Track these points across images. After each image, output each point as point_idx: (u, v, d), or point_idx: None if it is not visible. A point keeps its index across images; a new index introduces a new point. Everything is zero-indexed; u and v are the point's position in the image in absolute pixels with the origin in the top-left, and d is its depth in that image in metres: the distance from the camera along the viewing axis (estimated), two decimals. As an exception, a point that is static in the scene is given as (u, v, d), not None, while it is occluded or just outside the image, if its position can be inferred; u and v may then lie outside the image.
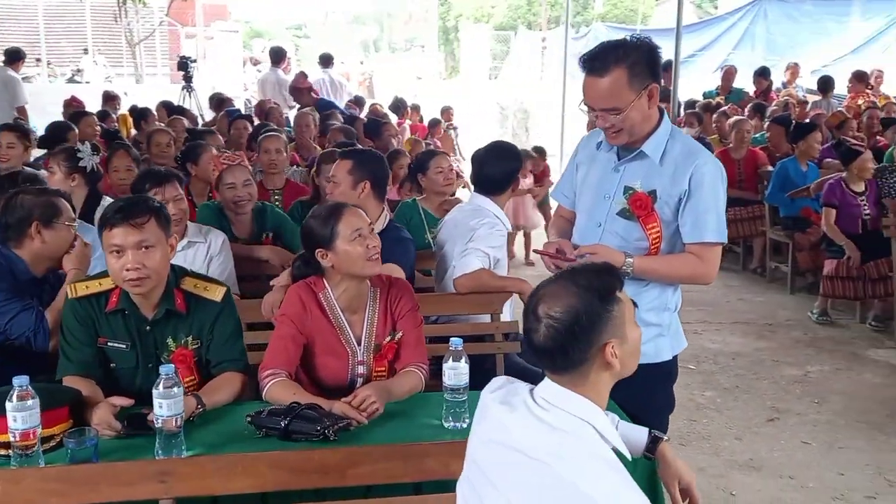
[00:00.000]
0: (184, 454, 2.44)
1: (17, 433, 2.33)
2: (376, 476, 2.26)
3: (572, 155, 3.19)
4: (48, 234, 3.27)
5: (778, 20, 22.36)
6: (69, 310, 2.92)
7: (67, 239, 3.34)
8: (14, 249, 3.30)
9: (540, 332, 1.89)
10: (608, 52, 2.73)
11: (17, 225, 3.28)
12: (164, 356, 2.94)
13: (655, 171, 2.86)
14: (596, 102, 2.77)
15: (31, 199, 3.31)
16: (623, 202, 2.88)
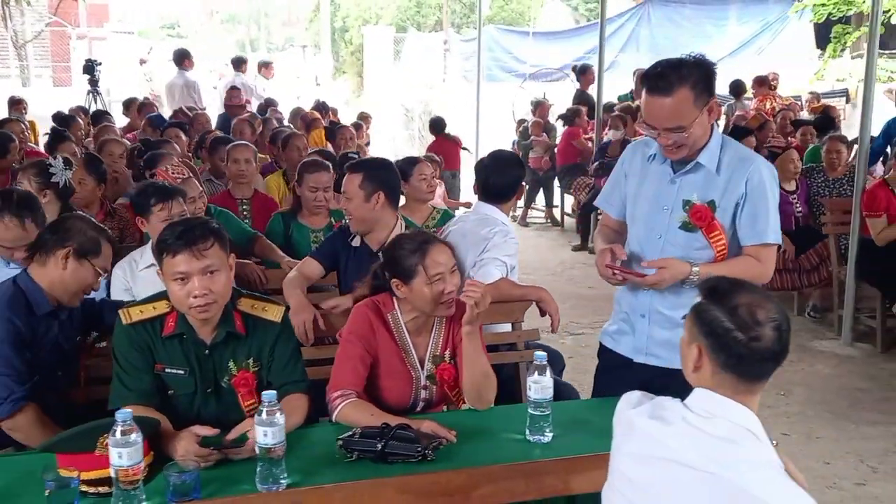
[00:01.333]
0: (284, 484, 2.38)
1: (121, 471, 2.22)
2: (499, 496, 2.26)
3: (618, 165, 3.24)
4: (73, 265, 3.09)
5: (661, 23, 23.18)
6: (123, 336, 2.80)
7: (87, 282, 3.15)
8: (35, 269, 3.13)
9: (767, 337, 1.92)
10: (671, 71, 2.79)
11: (53, 243, 3.12)
12: (224, 380, 2.86)
13: (712, 180, 2.95)
14: (661, 122, 2.83)
15: (80, 226, 3.16)
16: (684, 216, 2.96)
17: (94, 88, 11.46)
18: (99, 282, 3.25)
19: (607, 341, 3.29)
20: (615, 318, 3.27)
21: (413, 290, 2.93)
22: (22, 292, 3.05)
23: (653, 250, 3.02)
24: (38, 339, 3.04)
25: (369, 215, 3.85)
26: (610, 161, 9.58)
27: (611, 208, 3.27)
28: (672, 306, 3.01)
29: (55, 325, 3.14)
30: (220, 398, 2.86)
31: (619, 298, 3.24)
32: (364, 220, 3.87)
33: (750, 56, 21.63)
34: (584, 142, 10.49)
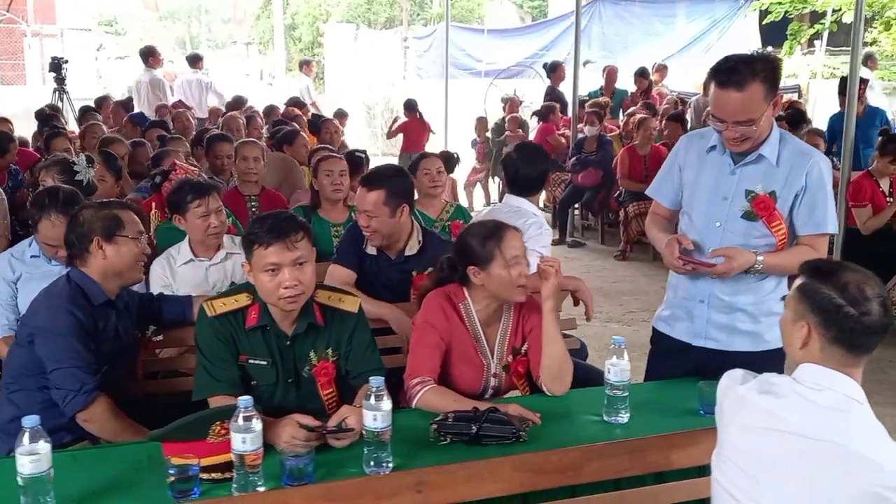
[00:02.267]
0: (390, 467, 2.45)
1: (246, 455, 2.29)
2: (606, 472, 2.37)
3: (671, 157, 3.36)
4: (110, 249, 3.12)
5: (611, 21, 23.53)
6: (208, 328, 2.86)
7: (132, 253, 3.17)
8: (82, 268, 3.16)
9: (875, 311, 2.07)
10: (744, 66, 2.90)
11: (80, 242, 3.16)
12: (304, 370, 2.94)
13: (772, 171, 3.09)
14: (732, 115, 2.95)
15: (92, 214, 3.18)
16: (746, 205, 3.09)
17: (62, 87, 11.29)
18: (146, 246, 3.25)
19: (662, 327, 3.42)
20: (669, 303, 3.40)
21: (491, 276, 3.00)
22: (77, 286, 3.09)
23: (712, 239, 3.15)
24: (98, 331, 3.07)
25: (395, 229, 3.82)
26: (586, 156, 9.78)
27: (663, 198, 3.39)
28: (731, 292, 3.17)
29: (113, 316, 3.18)
30: (299, 388, 2.93)
31: (674, 285, 3.36)
32: (389, 235, 3.82)
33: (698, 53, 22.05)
34: (559, 138, 10.65)
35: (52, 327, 2.96)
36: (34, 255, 3.82)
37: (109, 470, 2.46)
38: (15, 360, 3.08)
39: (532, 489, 2.32)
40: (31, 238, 3.92)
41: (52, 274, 3.77)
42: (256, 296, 2.89)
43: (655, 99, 11.62)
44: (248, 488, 2.32)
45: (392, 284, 3.83)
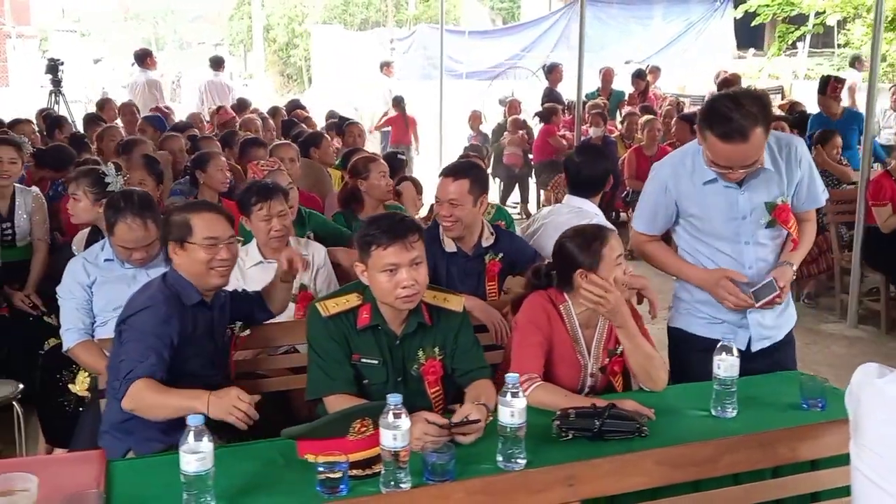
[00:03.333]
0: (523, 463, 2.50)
1: (399, 452, 2.34)
2: (739, 464, 2.44)
3: (658, 191, 3.42)
4: (181, 253, 3.11)
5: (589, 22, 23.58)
6: (322, 328, 2.90)
7: (200, 259, 3.08)
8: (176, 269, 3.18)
9: None
10: (741, 117, 2.96)
11: (165, 244, 3.19)
12: (413, 369, 2.98)
13: (772, 176, 3.26)
14: (739, 163, 3.08)
15: (173, 216, 3.19)
16: (768, 217, 3.27)
17: (58, 89, 11.18)
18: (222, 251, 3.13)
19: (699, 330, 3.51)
20: (711, 317, 3.46)
21: (601, 277, 3.05)
22: (172, 286, 3.10)
23: (747, 256, 3.33)
24: (190, 332, 3.08)
25: (474, 219, 3.93)
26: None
27: (657, 230, 3.52)
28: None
29: (208, 317, 3.20)
30: (407, 386, 2.97)
31: (713, 302, 3.42)
32: (470, 225, 3.91)
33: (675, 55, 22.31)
34: (559, 139, 10.74)
35: (135, 321, 2.97)
36: (108, 258, 3.82)
37: (247, 468, 2.49)
38: (116, 359, 3.08)
39: (671, 482, 2.38)
40: (102, 242, 3.93)
41: (125, 277, 3.80)
42: (366, 296, 2.93)
43: (652, 100, 11.76)
44: (396, 484, 2.36)
45: (473, 279, 3.90)
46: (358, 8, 29.91)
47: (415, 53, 24.05)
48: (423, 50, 23.65)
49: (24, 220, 5.25)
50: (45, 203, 5.40)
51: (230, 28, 34.06)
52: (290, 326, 3.60)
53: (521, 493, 2.23)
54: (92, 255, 3.87)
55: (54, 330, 4.91)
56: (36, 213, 5.30)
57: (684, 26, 23.59)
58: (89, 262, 3.83)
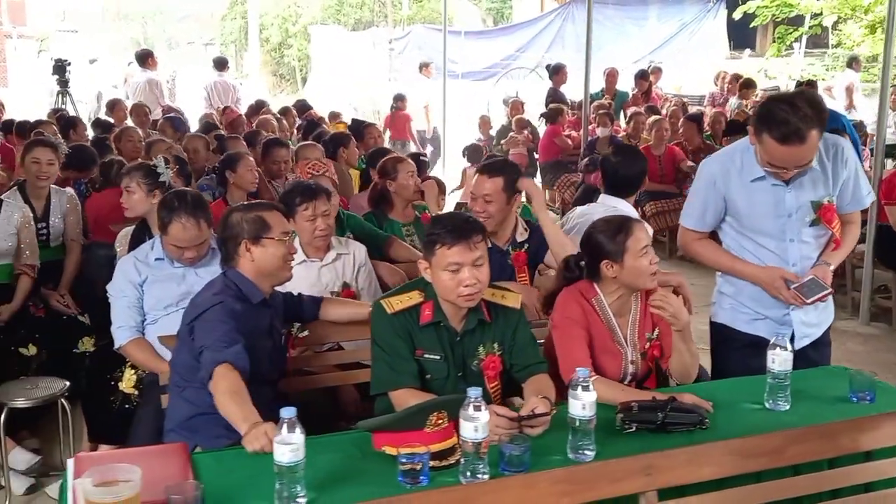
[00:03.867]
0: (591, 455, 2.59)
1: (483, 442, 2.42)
2: (804, 455, 2.54)
3: (708, 188, 3.53)
4: (257, 251, 3.19)
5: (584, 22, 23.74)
6: (387, 325, 2.98)
7: (279, 254, 3.23)
8: (236, 269, 3.25)
9: None
10: (799, 121, 3.06)
11: (229, 244, 3.25)
12: (473, 364, 3.06)
13: (819, 176, 3.36)
14: (796, 165, 3.19)
15: (240, 216, 3.25)
16: (813, 215, 3.37)
17: (65, 89, 11.20)
18: (293, 245, 3.35)
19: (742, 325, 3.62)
20: (755, 313, 3.57)
21: (625, 267, 3.15)
22: (235, 285, 3.18)
23: (792, 253, 3.43)
24: (254, 330, 3.15)
25: (506, 216, 4.04)
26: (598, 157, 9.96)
27: (707, 227, 3.61)
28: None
29: (268, 315, 3.28)
30: (466, 381, 3.04)
31: (757, 298, 3.53)
32: (503, 221, 4.03)
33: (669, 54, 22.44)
34: (565, 139, 10.84)
35: (208, 315, 3.04)
36: (158, 257, 3.89)
37: (327, 460, 2.56)
38: (180, 358, 3.16)
39: (740, 472, 2.47)
40: (152, 241, 4.00)
41: (175, 276, 3.88)
42: (428, 293, 3.02)
43: (655, 100, 11.87)
44: (474, 475, 2.45)
45: (507, 273, 3.99)
46: (352, 8, 29.91)
47: (410, 54, 24.08)
48: (418, 50, 23.69)
49: (58, 220, 5.31)
50: (79, 203, 5.45)
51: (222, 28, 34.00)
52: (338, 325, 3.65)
53: (602, 482, 2.32)
54: (142, 253, 3.94)
55: (88, 329, 5.01)
56: (70, 214, 5.36)
57: (678, 27, 23.74)
58: (140, 260, 3.90)
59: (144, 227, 4.49)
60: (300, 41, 30.35)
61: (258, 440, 2.57)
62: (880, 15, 13.73)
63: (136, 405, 4.03)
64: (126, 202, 4.42)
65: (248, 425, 2.65)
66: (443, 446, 2.55)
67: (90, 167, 6.39)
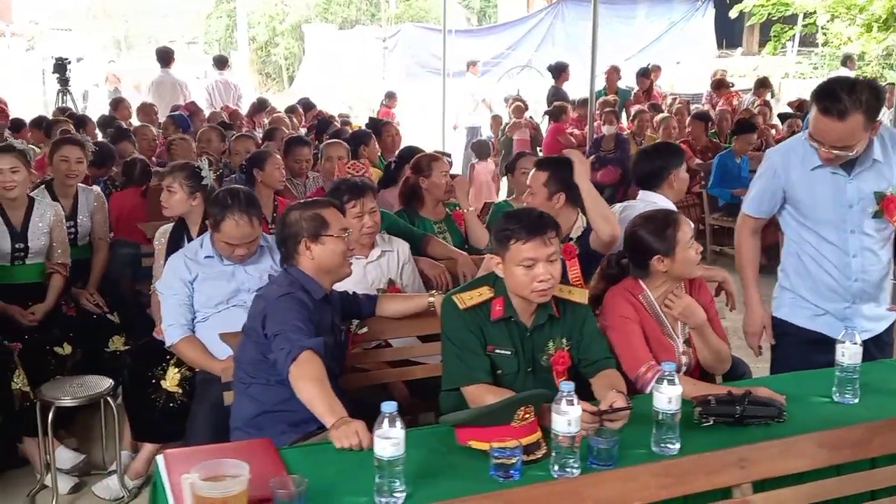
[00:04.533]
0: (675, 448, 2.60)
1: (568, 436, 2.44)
2: (889, 446, 2.56)
3: (769, 176, 3.59)
4: (317, 248, 3.21)
5: (574, 21, 23.90)
6: (459, 321, 2.99)
7: (339, 250, 3.25)
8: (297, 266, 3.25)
9: None
10: (847, 96, 3.09)
11: (289, 242, 3.25)
12: (542, 359, 3.08)
13: (882, 169, 3.38)
14: (830, 141, 3.21)
15: (298, 215, 3.26)
16: (875, 207, 3.38)
17: (65, 87, 11.12)
18: (351, 241, 3.36)
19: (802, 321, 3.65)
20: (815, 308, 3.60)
21: (676, 259, 3.23)
22: (298, 281, 3.18)
23: (852, 244, 3.44)
24: (319, 326, 3.15)
25: (555, 212, 3.98)
26: (605, 154, 10.01)
27: (763, 213, 3.67)
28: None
29: (329, 311, 3.28)
30: (535, 376, 3.08)
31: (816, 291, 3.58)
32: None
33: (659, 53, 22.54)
34: (570, 137, 10.87)
35: (281, 303, 3.06)
36: (208, 255, 3.89)
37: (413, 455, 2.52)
38: (246, 355, 3.16)
39: (828, 464, 2.50)
40: (201, 238, 4.00)
41: (225, 274, 3.87)
42: (498, 289, 3.03)
43: (657, 98, 11.93)
44: (564, 468, 2.46)
45: None
46: (340, 7, 29.86)
47: (400, 52, 24.08)
48: (407, 49, 23.72)
49: (85, 219, 5.27)
50: (106, 202, 5.42)
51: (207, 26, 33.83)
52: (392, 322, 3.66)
53: (698, 474, 2.34)
54: (191, 251, 3.93)
55: (117, 328, 4.98)
56: (97, 212, 5.33)
57: (667, 25, 23.86)
58: (189, 258, 3.89)
59: (182, 225, 4.48)
60: (287, 40, 30.30)
61: (348, 438, 2.58)
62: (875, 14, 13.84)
63: (181, 403, 4.03)
64: (166, 202, 4.40)
65: (336, 419, 2.66)
66: (529, 440, 2.56)
67: (108, 165, 6.37)
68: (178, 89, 10.88)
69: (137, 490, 4.15)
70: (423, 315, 3.60)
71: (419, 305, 3.59)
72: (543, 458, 2.55)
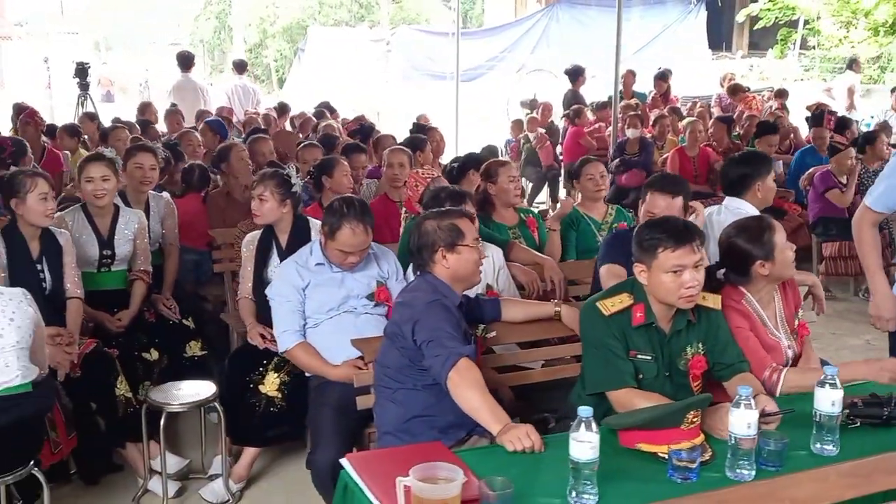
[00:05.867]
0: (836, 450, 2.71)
1: (748, 439, 2.55)
2: None
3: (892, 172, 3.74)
4: (452, 258, 3.28)
5: (569, 24, 24.09)
6: (604, 327, 3.09)
7: (472, 259, 3.34)
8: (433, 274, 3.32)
9: None
10: None
11: (424, 251, 3.32)
12: (680, 364, 3.16)
13: None
14: None
15: (434, 224, 3.32)
16: None
17: (85, 92, 11.10)
18: (482, 251, 3.46)
19: None
20: None
21: (777, 263, 3.37)
22: (438, 290, 3.26)
23: None
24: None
25: None
26: (629, 158, 10.13)
27: (884, 209, 3.78)
28: None
29: (463, 318, 3.36)
30: (672, 381, 3.17)
31: None
32: None
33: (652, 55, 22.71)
34: (590, 140, 10.99)
35: (429, 313, 3.13)
36: (319, 262, 3.95)
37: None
38: (392, 360, 3.23)
39: None
40: (309, 246, 4.06)
41: (335, 280, 3.95)
42: (637, 295, 3.12)
43: (674, 101, 12.07)
44: (741, 470, 2.55)
45: None
46: (332, 9, 29.87)
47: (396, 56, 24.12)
48: (403, 52, 23.78)
49: (157, 225, 5.31)
50: (175, 208, 5.46)
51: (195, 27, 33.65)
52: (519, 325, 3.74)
53: (880, 473, 2.44)
54: (302, 259, 3.99)
55: (193, 333, 5.03)
56: (168, 218, 5.37)
57: (660, 28, 24.04)
58: (300, 265, 3.96)
59: (271, 233, 4.54)
60: (279, 42, 30.28)
61: (520, 441, 2.67)
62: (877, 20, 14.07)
63: (280, 407, 4.09)
64: (258, 210, 4.46)
65: (502, 425, 2.75)
66: (695, 443, 2.65)
67: (166, 171, 6.39)
68: (200, 94, 10.87)
69: (240, 494, 4.20)
70: (544, 321, 3.69)
71: (544, 312, 3.69)
72: (711, 460, 2.64)
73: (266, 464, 4.46)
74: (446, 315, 3.12)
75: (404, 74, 23.14)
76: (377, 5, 30.73)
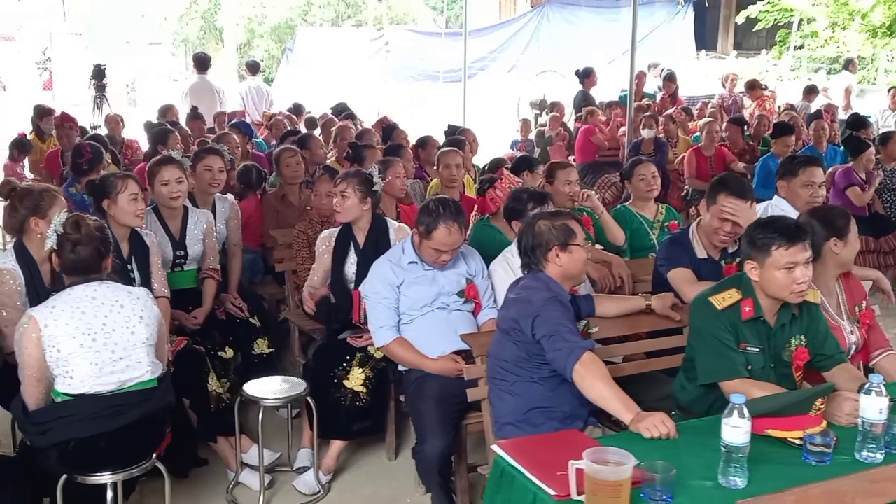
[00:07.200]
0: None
1: (882, 424, 2.71)
2: None
3: None
4: (565, 256, 3.44)
5: (560, 24, 24.31)
6: (717, 321, 3.26)
7: (583, 258, 3.51)
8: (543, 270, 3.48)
9: None
10: None
11: (537, 250, 3.46)
12: (784, 356, 3.33)
13: None
14: None
15: (548, 225, 3.47)
16: None
17: (102, 94, 11.13)
18: (589, 250, 3.64)
19: None
20: None
21: (848, 244, 3.71)
22: (550, 286, 3.41)
23: None
24: None
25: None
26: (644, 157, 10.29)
27: None
28: None
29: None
30: (776, 371, 3.34)
31: None
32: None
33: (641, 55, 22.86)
34: (601, 138, 11.15)
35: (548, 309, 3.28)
36: (412, 261, 4.09)
37: (711, 443, 2.74)
38: (508, 353, 3.37)
39: None
40: (401, 244, 4.19)
41: (427, 278, 4.09)
42: (745, 291, 3.28)
43: (681, 101, 12.27)
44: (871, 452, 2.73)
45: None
46: (320, 9, 29.90)
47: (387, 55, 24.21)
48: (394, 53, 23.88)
49: (222, 226, 5.40)
50: (240, 209, 5.56)
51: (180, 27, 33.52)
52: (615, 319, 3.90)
53: None
54: (395, 257, 4.13)
55: (259, 331, 5.14)
56: (232, 219, 5.47)
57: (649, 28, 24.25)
58: (394, 263, 4.10)
59: (349, 231, 4.66)
60: (267, 42, 30.27)
61: (657, 428, 2.83)
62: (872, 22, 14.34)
63: (366, 401, 4.23)
64: (339, 206, 4.58)
65: (633, 414, 2.94)
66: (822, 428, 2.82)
67: None
68: (216, 95, 10.93)
69: (328, 485, 4.33)
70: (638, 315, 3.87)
71: (637, 306, 3.88)
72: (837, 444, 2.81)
73: (347, 456, 4.58)
74: (564, 311, 3.28)
75: (397, 74, 23.26)
76: (364, 5, 30.76)
